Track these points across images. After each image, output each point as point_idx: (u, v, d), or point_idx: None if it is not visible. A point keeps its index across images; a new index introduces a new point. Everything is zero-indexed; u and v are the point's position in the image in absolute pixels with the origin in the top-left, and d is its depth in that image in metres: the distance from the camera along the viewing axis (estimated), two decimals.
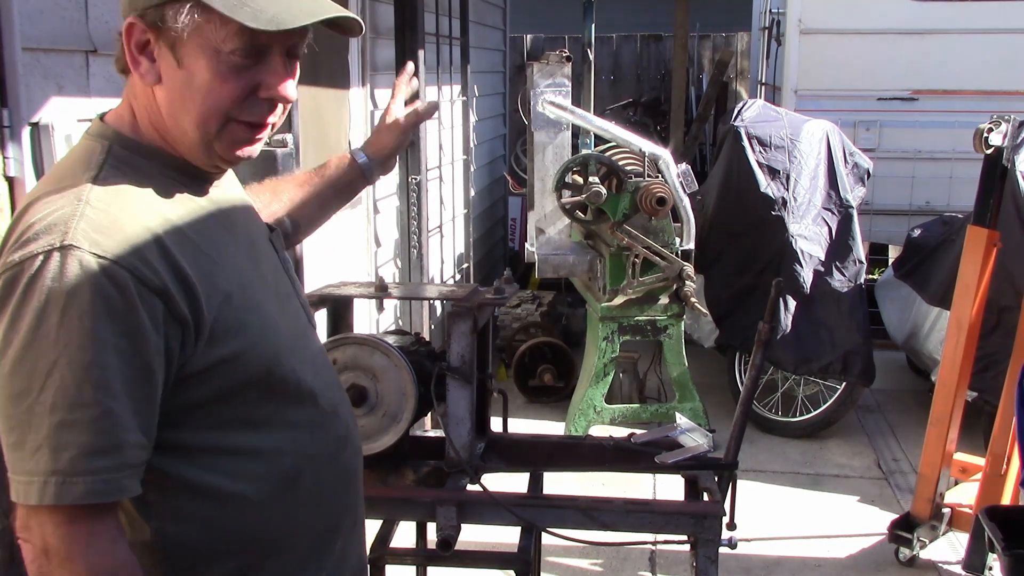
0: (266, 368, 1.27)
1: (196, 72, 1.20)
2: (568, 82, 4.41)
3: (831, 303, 4.79)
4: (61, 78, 2.08)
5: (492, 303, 2.33)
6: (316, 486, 1.36)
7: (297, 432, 1.33)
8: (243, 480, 1.27)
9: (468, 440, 2.22)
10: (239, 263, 1.28)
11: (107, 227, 1.13)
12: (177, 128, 1.24)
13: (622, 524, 2.18)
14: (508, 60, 7.90)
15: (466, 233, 5.86)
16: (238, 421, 1.26)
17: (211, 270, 1.21)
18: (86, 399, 1.10)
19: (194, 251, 1.20)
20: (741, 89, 9.81)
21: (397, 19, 4.36)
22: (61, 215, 1.13)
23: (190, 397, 1.20)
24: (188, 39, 1.18)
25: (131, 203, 1.18)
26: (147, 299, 1.12)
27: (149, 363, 1.13)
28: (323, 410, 1.38)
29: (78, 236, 1.11)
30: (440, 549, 2.13)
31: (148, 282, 1.13)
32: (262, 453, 1.29)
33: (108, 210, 1.15)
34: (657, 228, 4.43)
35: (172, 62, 1.20)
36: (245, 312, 1.24)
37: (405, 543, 2.66)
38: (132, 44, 1.21)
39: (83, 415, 1.10)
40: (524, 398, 5.41)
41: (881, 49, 5.96)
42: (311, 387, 1.35)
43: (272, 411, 1.30)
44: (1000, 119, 3.27)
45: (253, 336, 1.25)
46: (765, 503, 4.16)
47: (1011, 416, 3.19)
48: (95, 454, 1.11)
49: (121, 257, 1.11)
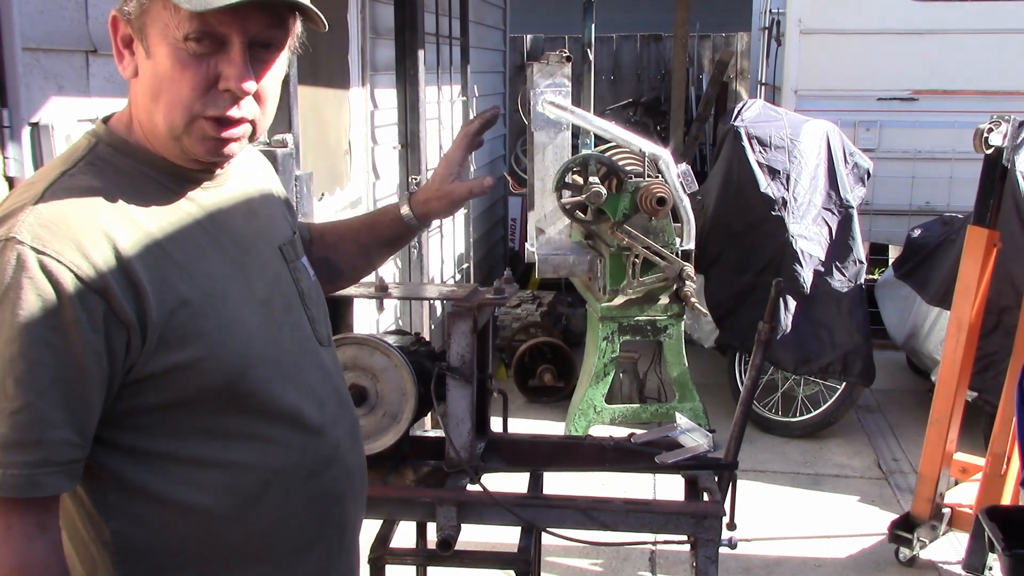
0: (227, 379, 1.23)
1: (159, 61, 1.18)
2: (568, 82, 4.41)
3: (831, 303, 4.79)
4: (61, 78, 2.08)
5: (492, 303, 2.33)
6: (284, 504, 1.32)
7: (267, 447, 1.29)
8: (202, 490, 1.24)
9: (468, 440, 2.22)
10: (213, 269, 1.25)
11: (54, 223, 1.11)
12: (149, 123, 1.22)
13: (622, 524, 2.18)
14: (508, 60, 7.90)
15: (466, 233, 5.86)
16: (198, 430, 1.23)
17: (171, 274, 1.18)
18: (8, 392, 1.08)
19: (157, 254, 1.18)
20: (741, 89, 9.81)
21: (397, 19, 4.37)
22: (14, 207, 1.14)
23: (144, 401, 1.18)
24: (150, 26, 1.17)
25: (91, 201, 1.16)
26: (86, 297, 1.10)
27: (83, 361, 1.11)
28: (305, 429, 1.33)
29: (23, 230, 1.10)
30: (440, 549, 2.13)
31: (88, 280, 1.11)
32: (224, 465, 1.26)
33: (62, 206, 1.13)
34: (657, 228, 4.43)
35: (143, 53, 1.19)
36: (205, 319, 1.21)
37: (405, 543, 2.65)
38: (117, 38, 1.21)
39: (3, 407, 1.08)
40: (524, 398, 5.41)
41: (881, 49, 5.97)
42: (293, 404, 1.31)
43: (239, 424, 1.26)
44: (1000, 119, 3.27)
45: (212, 345, 1.21)
46: (765, 503, 4.16)
47: (1011, 416, 3.19)
48: (11, 448, 1.08)
49: (61, 253, 1.10)
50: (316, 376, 1.38)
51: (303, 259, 1.46)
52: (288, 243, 1.42)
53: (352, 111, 4.04)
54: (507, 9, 7.65)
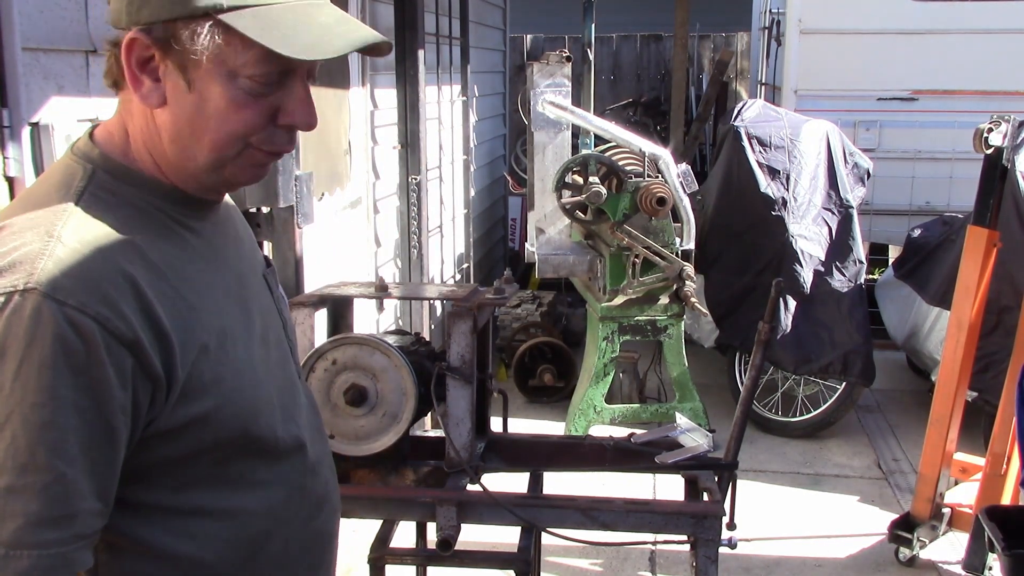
0: (242, 427, 1.15)
1: (209, 98, 1.07)
2: (568, 82, 4.42)
3: (831, 303, 4.79)
4: (61, 78, 2.08)
5: (492, 303, 2.33)
6: (284, 551, 1.24)
7: (270, 492, 1.21)
8: (203, 543, 1.15)
9: (468, 440, 2.22)
10: (221, 306, 1.15)
11: (76, 269, 1.00)
12: (182, 154, 1.11)
13: (622, 524, 2.18)
14: (508, 60, 7.90)
15: (466, 233, 5.86)
16: (201, 479, 1.14)
17: (189, 317, 1.08)
18: (39, 463, 0.97)
19: (173, 296, 1.07)
20: (741, 89, 9.81)
21: (397, 19, 4.37)
22: (28, 252, 1.00)
23: (154, 456, 1.08)
24: (199, 60, 1.06)
25: (107, 241, 1.04)
26: (115, 352, 1.00)
27: (112, 423, 1.01)
28: (304, 467, 1.26)
29: (43, 278, 0.98)
30: (440, 549, 2.13)
31: (118, 333, 1.00)
32: (228, 514, 1.17)
33: (80, 249, 1.01)
34: (657, 228, 4.43)
35: (181, 84, 1.07)
36: (221, 365, 1.11)
37: (405, 543, 2.65)
38: (132, 61, 1.07)
39: (34, 481, 0.97)
40: (524, 398, 5.41)
41: (881, 49, 5.96)
42: (295, 443, 1.24)
43: (243, 469, 1.17)
44: (1000, 119, 3.27)
45: (228, 392, 1.12)
46: (765, 503, 4.16)
47: (1011, 416, 3.19)
48: (44, 525, 0.98)
49: (88, 305, 0.98)
50: (305, 411, 1.31)
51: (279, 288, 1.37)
52: (270, 272, 1.34)
53: (352, 111, 4.04)
54: (507, 9, 7.65)
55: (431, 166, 4.87)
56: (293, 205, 2.87)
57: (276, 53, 1.04)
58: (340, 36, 1.09)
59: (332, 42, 1.08)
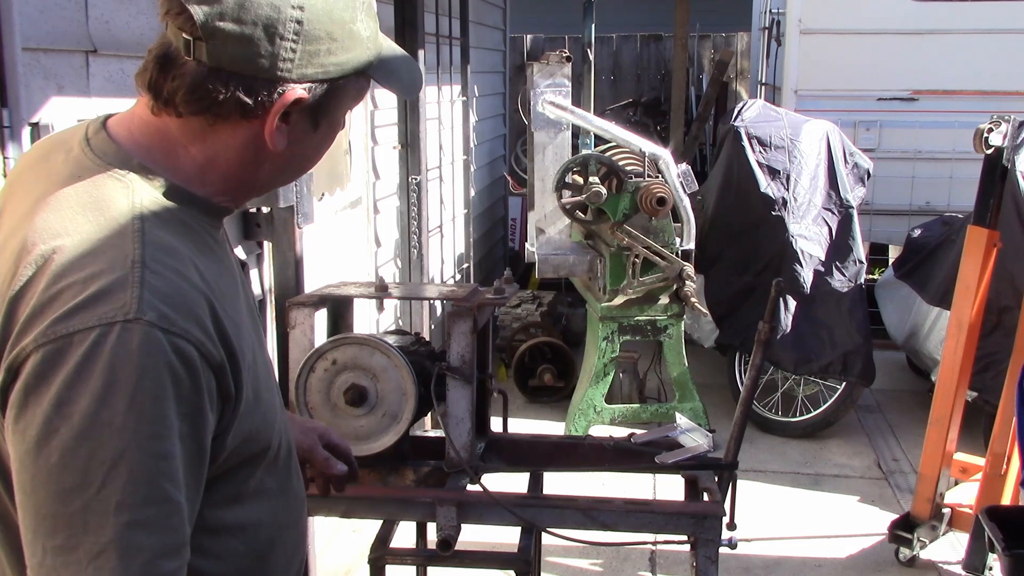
0: (267, 440, 1.16)
1: (330, 134, 1.19)
2: (568, 82, 4.42)
3: (831, 303, 4.79)
4: (61, 78, 2.08)
5: (492, 303, 2.33)
6: (284, 554, 1.26)
7: (274, 501, 1.22)
8: (225, 560, 1.14)
9: (468, 440, 2.22)
10: (246, 320, 1.15)
11: (171, 297, 0.99)
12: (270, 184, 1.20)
13: (622, 524, 2.18)
14: (508, 60, 7.90)
15: (466, 233, 5.86)
16: (230, 497, 1.13)
17: (239, 335, 1.09)
18: (159, 495, 0.96)
19: (228, 315, 1.07)
20: (741, 89, 9.81)
21: (397, 19, 4.36)
22: (116, 280, 0.97)
23: None
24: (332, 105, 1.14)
25: (183, 264, 1.04)
26: (207, 376, 1.00)
27: (205, 446, 1.02)
28: (292, 470, 1.28)
29: (144, 308, 0.96)
30: (440, 549, 2.13)
31: (210, 358, 1.01)
32: (243, 528, 1.16)
33: (166, 274, 1.00)
34: (657, 228, 4.43)
35: (309, 126, 1.14)
36: (257, 380, 1.13)
37: (405, 543, 2.65)
38: (280, 111, 1.09)
39: (156, 513, 0.96)
40: (524, 398, 5.41)
41: (881, 49, 5.97)
42: (288, 446, 1.26)
43: (258, 481, 1.18)
44: (1000, 119, 3.27)
45: (263, 404, 1.13)
46: (765, 503, 4.16)
47: (1011, 416, 3.19)
48: (167, 556, 0.97)
49: (189, 332, 0.98)
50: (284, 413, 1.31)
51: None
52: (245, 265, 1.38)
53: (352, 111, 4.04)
54: (507, 9, 7.65)
55: (431, 166, 4.87)
56: (293, 205, 2.87)
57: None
58: (414, 70, 1.27)
59: (415, 77, 1.27)
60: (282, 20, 1.05)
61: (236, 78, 1.06)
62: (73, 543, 0.94)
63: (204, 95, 1.06)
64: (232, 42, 1.04)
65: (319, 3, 1.07)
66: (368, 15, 1.14)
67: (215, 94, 1.06)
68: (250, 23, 1.04)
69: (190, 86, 1.06)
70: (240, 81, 1.06)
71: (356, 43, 1.12)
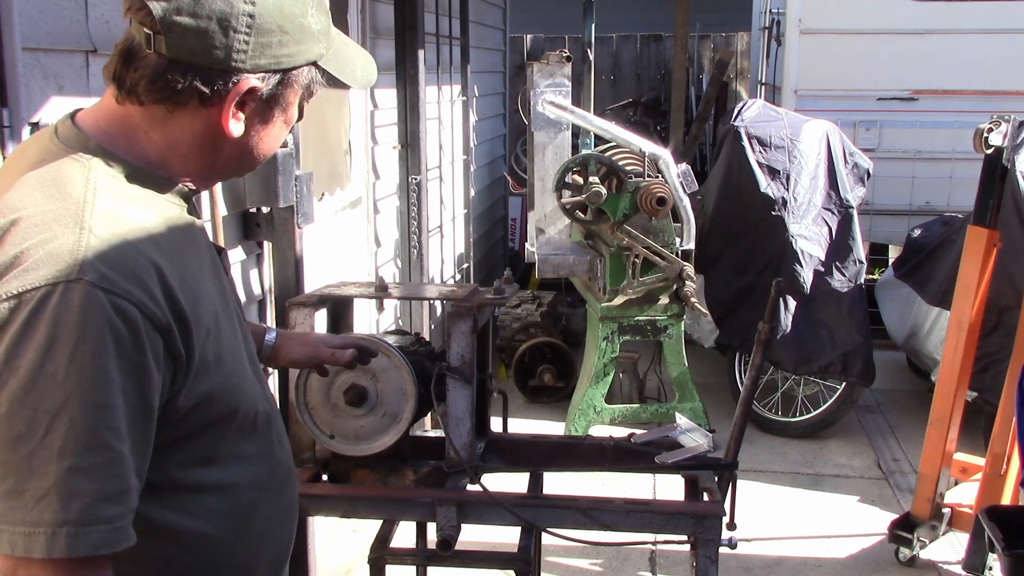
0: (234, 404, 1.23)
1: (278, 123, 1.26)
2: (568, 82, 4.42)
3: (831, 303, 4.79)
4: (61, 78, 2.08)
5: (492, 303, 2.33)
6: (268, 518, 1.34)
7: (253, 465, 1.30)
8: (203, 518, 1.23)
9: (468, 440, 2.22)
10: (211, 291, 1.24)
11: (115, 260, 1.07)
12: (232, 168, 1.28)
13: (622, 524, 2.18)
14: (508, 60, 7.90)
15: (466, 233, 5.86)
16: (203, 459, 1.22)
17: (196, 302, 1.16)
18: (99, 443, 1.03)
19: (183, 282, 1.15)
20: (741, 89, 9.81)
21: (397, 19, 4.37)
22: (63, 244, 1.06)
23: (163, 436, 1.14)
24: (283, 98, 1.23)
25: (132, 232, 1.12)
26: (152, 337, 1.08)
27: (151, 402, 1.09)
28: (275, 441, 1.36)
29: (87, 269, 1.04)
30: (440, 549, 2.13)
31: (154, 319, 1.08)
32: (221, 489, 1.25)
33: (113, 240, 1.09)
34: (657, 228, 4.43)
35: (265, 114, 1.23)
36: (219, 346, 1.20)
37: (405, 543, 2.65)
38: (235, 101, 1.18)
39: (96, 459, 1.03)
40: (524, 398, 5.41)
41: (881, 49, 5.97)
42: (267, 417, 1.33)
43: (232, 445, 1.26)
44: (1000, 119, 3.27)
45: (226, 369, 1.21)
46: (765, 503, 4.16)
47: (1011, 416, 3.19)
48: (107, 501, 1.04)
49: (131, 292, 1.06)
50: (266, 387, 1.38)
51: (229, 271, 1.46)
52: (223, 255, 1.42)
53: (352, 111, 4.04)
54: (507, 9, 7.65)
55: (431, 166, 4.87)
56: (293, 205, 2.87)
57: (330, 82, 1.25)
58: (369, 64, 1.35)
59: (369, 70, 1.35)
60: (235, 14, 1.14)
61: (193, 69, 1.15)
62: (21, 487, 1.02)
63: (164, 85, 1.15)
64: (189, 35, 1.13)
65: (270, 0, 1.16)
66: (319, 11, 1.23)
67: (174, 84, 1.15)
68: (205, 17, 1.13)
69: (151, 77, 1.15)
70: (197, 71, 1.15)
71: (307, 36, 1.21)
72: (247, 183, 2.80)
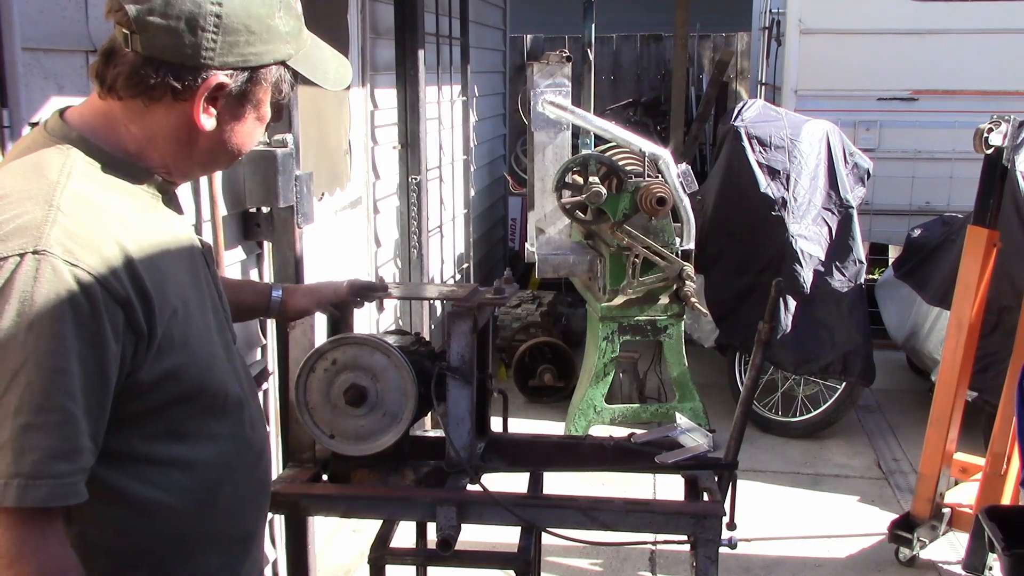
0: (201, 383, 1.31)
1: (249, 120, 1.34)
2: (568, 82, 4.42)
3: (831, 303, 4.79)
4: (61, 78, 2.08)
5: (492, 303, 2.33)
6: (235, 496, 1.41)
7: (221, 444, 1.38)
8: (167, 490, 1.30)
9: (468, 440, 2.22)
10: (182, 277, 1.33)
11: (79, 235, 1.16)
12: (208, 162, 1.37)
13: (622, 524, 2.18)
14: (508, 60, 7.90)
15: (466, 233, 5.86)
16: (168, 433, 1.30)
17: (163, 283, 1.25)
18: (53, 403, 1.12)
19: (150, 263, 1.24)
20: (741, 89, 9.81)
21: (397, 19, 4.37)
22: (32, 219, 1.15)
23: (128, 409, 1.23)
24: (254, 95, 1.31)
25: (99, 212, 1.21)
26: (111, 309, 1.16)
27: (107, 371, 1.17)
28: (246, 423, 1.43)
29: (51, 242, 1.13)
30: (440, 549, 2.12)
31: (114, 292, 1.16)
32: (188, 464, 1.33)
33: (80, 218, 1.18)
34: (657, 228, 4.43)
35: (237, 111, 1.31)
36: (187, 326, 1.29)
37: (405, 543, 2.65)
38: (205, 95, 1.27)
39: (49, 419, 1.12)
40: (524, 398, 5.41)
41: (881, 49, 5.97)
42: (239, 400, 1.41)
43: (201, 423, 1.34)
44: (1000, 119, 3.27)
45: (193, 350, 1.29)
46: (765, 503, 4.16)
47: (1011, 416, 3.19)
48: (58, 458, 1.13)
49: (92, 267, 1.15)
50: (241, 372, 1.47)
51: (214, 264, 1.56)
52: (208, 249, 1.52)
53: (352, 111, 4.04)
54: (507, 9, 7.65)
55: (431, 166, 4.87)
56: (293, 205, 2.87)
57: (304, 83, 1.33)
58: (342, 65, 1.44)
59: (342, 72, 1.43)
60: (203, 14, 1.23)
61: (166, 65, 1.24)
62: None
63: (139, 80, 1.25)
64: (161, 34, 1.22)
65: (237, 2, 1.25)
66: (288, 14, 1.32)
67: (148, 79, 1.24)
68: (175, 17, 1.22)
69: (127, 73, 1.25)
70: (169, 68, 1.24)
71: (274, 36, 1.30)
72: (247, 183, 2.80)
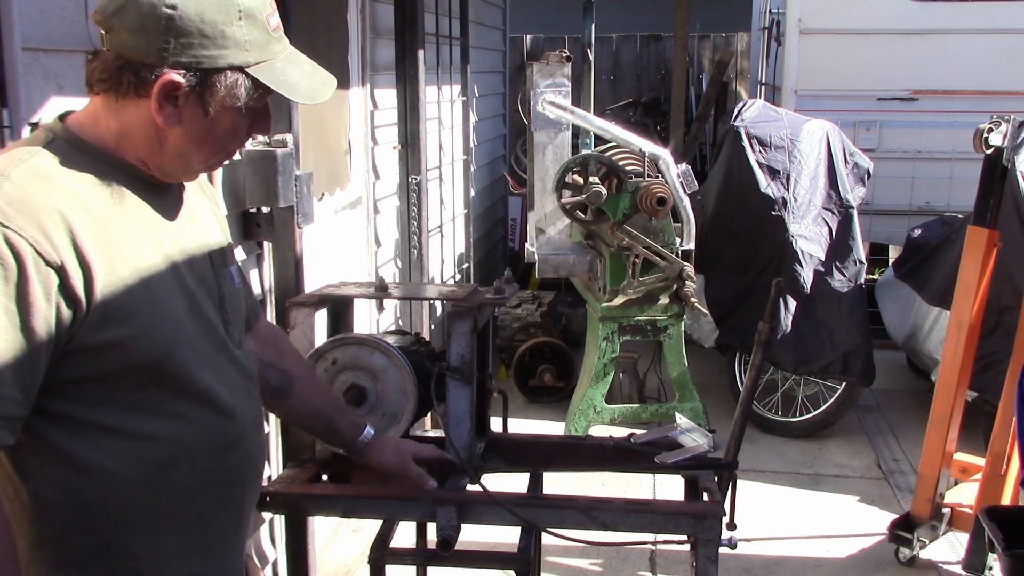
0: (154, 358, 1.37)
1: (220, 123, 1.40)
2: (568, 82, 4.42)
3: (831, 303, 4.79)
4: (61, 78, 2.08)
5: (492, 303, 2.33)
6: (191, 477, 1.45)
7: (181, 424, 1.43)
8: (114, 457, 1.36)
9: (468, 440, 2.22)
10: (152, 259, 1.40)
11: (18, 202, 1.26)
12: (179, 160, 1.42)
13: (622, 524, 2.17)
14: (508, 60, 7.90)
15: (466, 233, 5.86)
16: (120, 403, 1.37)
17: (116, 258, 1.33)
18: None
19: (105, 239, 1.32)
20: (741, 89, 9.81)
21: (397, 19, 4.37)
22: None
23: (76, 372, 1.31)
24: (216, 94, 1.37)
25: (49, 186, 1.30)
26: (42, 271, 1.24)
27: (34, 328, 1.24)
28: (218, 411, 1.47)
29: None
30: (440, 549, 2.12)
31: (46, 255, 1.25)
32: (139, 436, 1.39)
33: (25, 188, 1.28)
34: (657, 228, 4.43)
35: (199, 112, 1.38)
36: (141, 302, 1.35)
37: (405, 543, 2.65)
38: (162, 92, 1.35)
39: None
40: (524, 398, 5.41)
41: (881, 49, 5.97)
42: (209, 388, 1.45)
43: (159, 400, 1.40)
44: (1000, 119, 3.27)
45: (144, 326, 1.35)
46: (765, 503, 4.16)
47: (1011, 416, 3.19)
48: None
49: (24, 229, 1.24)
50: (229, 368, 1.52)
51: (231, 267, 1.62)
52: (218, 251, 1.58)
53: (352, 111, 4.04)
54: (507, 9, 7.65)
55: (431, 166, 4.87)
56: (293, 205, 2.87)
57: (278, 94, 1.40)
58: (321, 83, 1.49)
59: (318, 88, 1.48)
60: (157, 15, 1.32)
61: (129, 63, 1.34)
62: None
63: (109, 76, 1.36)
64: (123, 32, 1.33)
65: (191, 6, 1.33)
66: (251, 24, 1.38)
67: (116, 76, 1.35)
68: (133, 17, 1.32)
69: (100, 69, 1.37)
70: (131, 65, 1.34)
71: (229, 43, 1.36)
72: (247, 183, 2.80)
